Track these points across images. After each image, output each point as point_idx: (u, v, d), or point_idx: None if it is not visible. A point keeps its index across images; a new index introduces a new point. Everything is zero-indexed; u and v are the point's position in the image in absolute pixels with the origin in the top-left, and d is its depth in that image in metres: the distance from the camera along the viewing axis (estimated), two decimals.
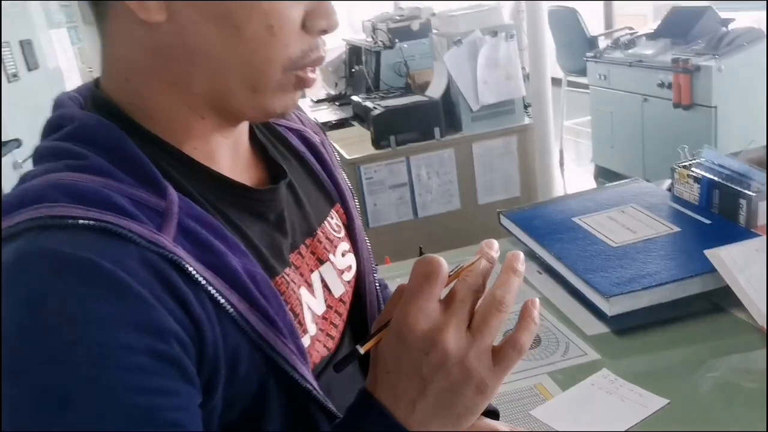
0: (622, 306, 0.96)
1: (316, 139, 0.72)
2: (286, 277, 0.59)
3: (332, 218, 0.69)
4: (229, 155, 0.60)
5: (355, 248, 0.71)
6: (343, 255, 0.69)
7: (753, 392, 0.82)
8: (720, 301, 0.99)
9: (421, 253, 1.50)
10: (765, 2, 3.10)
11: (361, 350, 0.49)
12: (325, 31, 0.54)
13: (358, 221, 0.73)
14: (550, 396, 0.86)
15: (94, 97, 0.57)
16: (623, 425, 0.78)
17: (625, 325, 0.98)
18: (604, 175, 4.10)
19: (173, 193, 0.51)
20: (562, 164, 4.84)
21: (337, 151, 2.75)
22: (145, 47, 0.52)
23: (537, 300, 0.52)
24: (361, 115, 2.96)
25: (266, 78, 0.53)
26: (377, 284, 0.74)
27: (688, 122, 3.25)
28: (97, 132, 0.52)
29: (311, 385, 0.54)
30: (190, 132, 0.56)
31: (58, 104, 0.57)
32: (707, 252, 0.97)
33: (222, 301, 0.49)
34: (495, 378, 0.48)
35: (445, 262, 0.49)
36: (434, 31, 2.99)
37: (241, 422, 0.52)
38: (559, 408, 0.83)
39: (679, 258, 1.04)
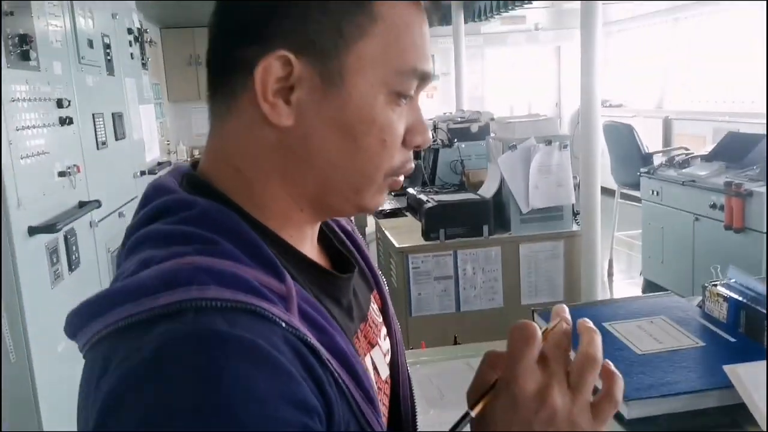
0: (640, 410, 1.01)
1: (349, 227, 0.77)
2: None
3: (373, 304, 0.73)
4: (309, 245, 0.65)
5: (390, 331, 0.75)
6: (384, 339, 0.73)
7: None
8: (739, 418, 1.02)
9: (455, 342, 1.57)
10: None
11: (473, 413, 0.52)
12: (419, 146, 0.62)
13: (391, 305, 0.78)
14: None
15: (195, 182, 0.60)
16: None
17: (643, 431, 1.02)
18: (653, 289, 4.07)
19: (289, 278, 0.54)
20: (611, 274, 4.83)
21: (388, 238, 2.87)
22: (266, 145, 0.58)
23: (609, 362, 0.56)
24: (414, 207, 3.09)
25: (371, 182, 0.60)
26: (409, 373, 0.79)
27: (739, 245, 3.26)
28: (220, 219, 0.55)
29: None
30: (289, 221, 0.61)
31: (162, 188, 0.59)
32: (726, 367, 1.02)
33: (341, 382, 0.53)
34: (596, 430, 0.52)
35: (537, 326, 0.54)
36: (492, 134, 3.14)
37: None
38: None
39: (700, 371, 1.08)
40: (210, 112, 0.62)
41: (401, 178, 0.63)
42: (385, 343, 0.72)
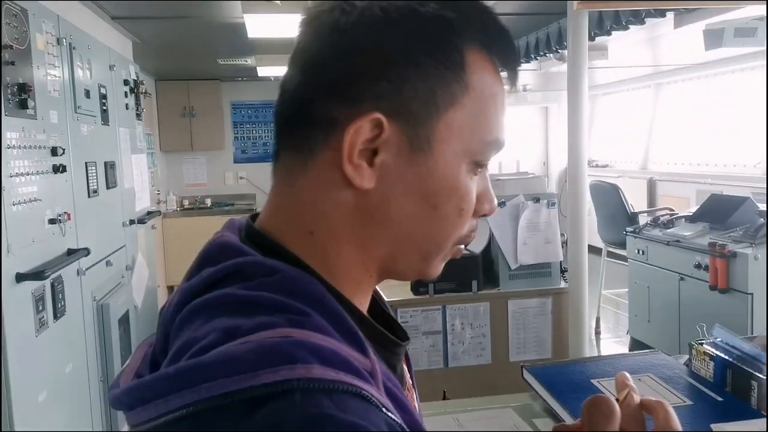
0: None
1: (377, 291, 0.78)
2: None
3: (404, 366, 0.69)
4: (365, 308, 0.62)
5: (415, 392, 0.72)
6: (418, 401, 0.71)
7: None
8: None
9: (444, 397, 1.56)
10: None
11: None
12: (486, 215, 0.61)
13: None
14: None
15: (263, 243, 0.56)
16: None
17: None
18: (639, 347, 4.07)
19: (371, 352, 0.50)
20: (598, 332, 4.82)
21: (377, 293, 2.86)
22: (343, 207, 0.55)
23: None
24: None
25: (440, 250, 0.59)
26: None
27: (724, 305, 3.29)
28: (306, 287, 0.51)
29: None
30: (360, 288, 0.58)
31: (234, 249, 0.55)
32: (714, 426, 1.02)
33: None
34: None
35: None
36: None
37: None
38: None
39: (687, 429, 1.08)
40: (278, 169, 0.59)
41: (463, 246, 0.62)
42: (417, 407, 0.69)
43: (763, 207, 3.60)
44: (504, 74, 0.59)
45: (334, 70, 0.55)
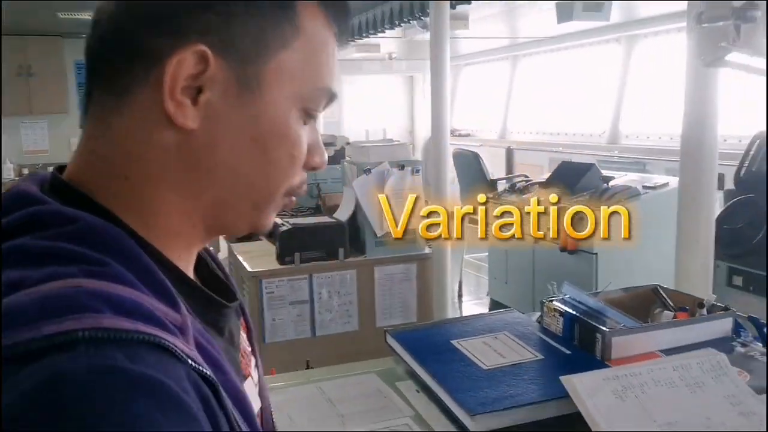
0: (485, 424, 1.03)
1: (212, 251, 0.72)
2: None
3: (242, 332, 0.67)
4: (190, 267, 0.59)
5: (256, 361, 0.70)
6: (254, 368, 0.68)
7: None
8: (577, 426, 1.08)
9: (308, 366, 1.54)
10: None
11: None
12: (315, 168, 0.60)
13: (254, 331, 0.72)
14: None
15: (65, 190, 0.52)
16: None
17: None
18: (499, 308, 4.29)
19: (183, 308, 0.49)
20: (460, 295, 5.02)
21: (241, 263, 2.78)
22: (163, 149, 0.52)
23: None
24: (270, 232, 3.03)
25: (271, 198, 0.58)
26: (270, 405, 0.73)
27: (573, 265, 3.52)
28: (108, 236, 0.48)
29: None
30: (178, 240, 0.55)
31: (29, 198, 0.50)
32: (562, 378, 1.07)
33: (234, 422, 0.48)
34: None
35: None
36: (347, 158, 3.17)
37: None
38: None
39: (539, 383, 1.13)
40: (90, 110, 0.54)
41: (294, 198, 0.61)
42: (255, 374, 0.67)
43: (606, 173, 3.87)
44: (335, 29, 0.59)
45: None
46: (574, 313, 1.29)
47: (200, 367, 0.45)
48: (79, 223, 0.48)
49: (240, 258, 2.82)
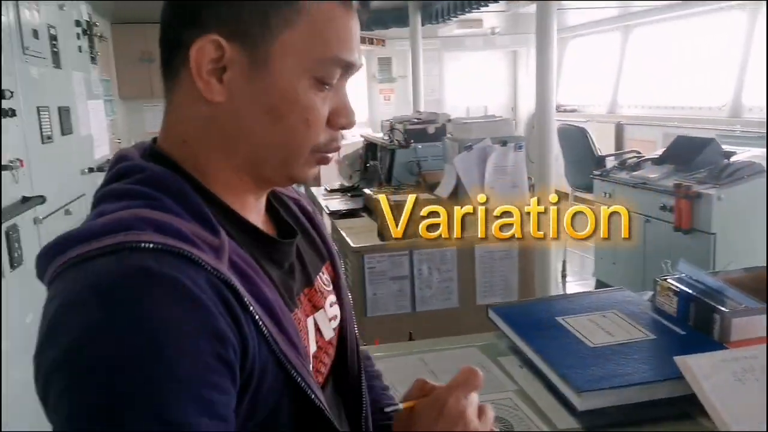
0: (592, 402, 1.01)
1: (309, 207, 0.85)
2: (297, 314, 0.71)
3: (323, 273, 0.81)
4: (255, 212, 0.72)
5: (341, 301, 0.83)
6: (331, 305, 0.80)
7: None
8: (688, 408, 1.03)
9: (410, 338, 1.55)
10: None
11: (401, 406, 0.71)
12: (343, 127, 0.69)
13: (343, 279, 0.85)
14: None
15: (152, 152, 0.68)
16: None
17: (596, 423, 1.02)
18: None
19: (223, 234, 0.62)
20: (564, 275, 4.89)
21: (344, 239, 2.84)
22: (203, 118, 0.65)
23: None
24: (370, 207, 3.07)
25: (296, 156, 0.68)
26: (358, 338, 0.86)
27: (688, 246, 3.34)
28: (165, 180, 0.63)
29: (323, 404, 0.65)
30: (230, 188, 0.68)
31: (123, 156, 0.67)
32: (676, 358, 1.02)
33: (261, 323, 0.60)
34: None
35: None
36: (448, 135, 3.15)
37: None
38: None
39: (651, 363, 1.09)
40: (164, 90, 0.69)
41: (330, 154, 0.70)
42: (331, 310, 0.79)
43: (727, 148, 3.63)
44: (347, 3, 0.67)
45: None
46: (690, 292, 1.22)
47: (222, 275, 0.57)
48: (146, 172, 0.63)
49: (343, 233, 2.88)
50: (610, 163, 4.41)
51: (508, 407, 1.10)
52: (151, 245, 0.55)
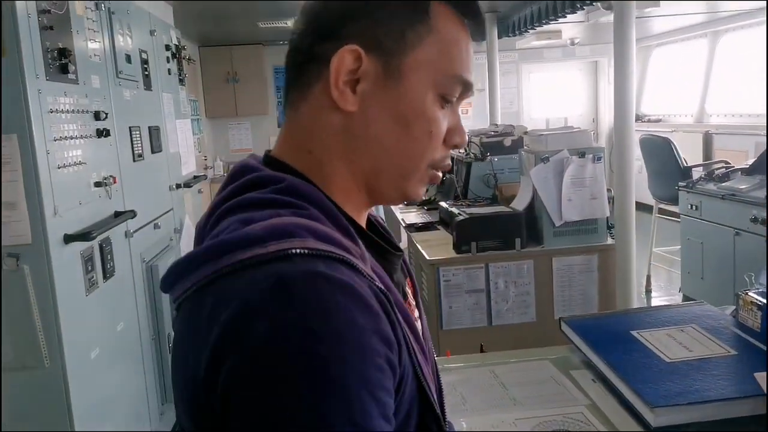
0: (666, 418, 0.98)
1: (378, 217, 0.86)
2: None
3: (407, 287, 0.82)
4: (363, 224, 0.75)
5: (421, 316, 0.84)
6: (416, 320, 0.80)
7: None
8: None
9: (482, 350, 1.55)
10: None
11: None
12: (456, 146, 0.73)
13: (419, 292, 0.86)
14: None
15: (274, 163, 0.70)
16: None
17: None
18: None
19: (362, 244, 0.64)
20: (649, 290, 4.72)
21: (420, 251, 2.86)
22: (333, 128, 0.69)
23: None
24: (446, 220, 3.08)
25: (416, 169, 0.71)
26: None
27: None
28: (305, 190, 0.65)
29: (441, 413, 0.67)
30: (350, 200, 0.71)
31: (249, 167, 0.69)
32: (756, 375, 0.98)
33: (402, 332, 0.61)
34: None
35: None
36: (525, 147, 3.11)
37: None
38: None
39: (730, 379, 1.04)
40: (287, 105, 0.73)
41: (440, 173, 0.73)
42: (418, 324, 0.79)
43: None
44: (467, 26, 0.72)
45: (325, 14, 0.69)
46: None
47: (377, 283, 0.59)
48: (286, 182, 0.65)
49: (419, 246, 2.90)
50: (697, 174, 4.23)
51: (580, 422, 1.08)
52: (319, 252, 0.57)
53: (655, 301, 4.56)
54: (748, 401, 0.98)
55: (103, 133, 2.26)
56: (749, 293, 1.24)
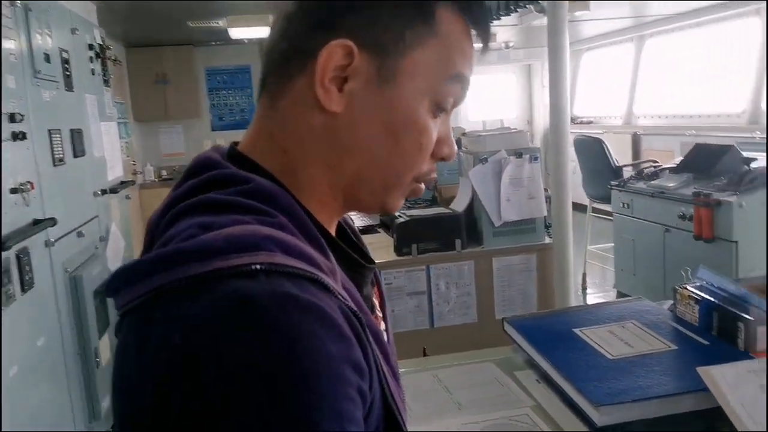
0: (611, 417, 0.96)
1: (351, 222, 0.79)
2: None
3: (375, 299, 0.75)
4: (333, 232, 0.67)
5: (387, 327, 0.78)
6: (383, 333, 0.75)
7: None
8: (713, 423, 0.98)
9: (424, 354, 1.51)
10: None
11: None
12: (444, 158, 0.67)
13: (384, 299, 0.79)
14: None
15: (240, 159, 0.62)
16: None
17: None
18: None
19: (332, 257, 0.57)
20: (585, 288, 4.82)
21: None
22: (314, 128, 0.61)
23: None
24: (387, 223, 3.05)
25: (400, 181, 0.64)
26: None
27: (709, 255, 3.26)
28: (275, 194, 0.57)
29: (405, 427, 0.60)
30: (324, 207, 0.64)
31: (212, 163, 0.61)
32: (700, 369, 0.97)
33: (373, 356, 0.55)
34: None
35: None
36: (463, 148, 3.12)
37: None
38: None
39: (672, 375, 1.04)
40: (263, 97, 0.65)
41: (423, 185, 0.67)
42: (384, 336, 0.73)
43: (747, 154, 3.55)
44: (474, 32, 0.66)
45: (320, 5, 0.61)
46: (712, 300, 1.17)
47: (348, 303, 0.53)
48: (253, 183, 0.58)
49: None
50: (628, 173, 4.35)
51: (525, 423, 1.05)
52: (288, 269, 0.50)
53: (591, 299, 4.66)
54: (690, 396, 0.98)
55: (18, 136, 2.12)
56: (687, 287, 1.24)
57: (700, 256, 3.31)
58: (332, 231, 0.66)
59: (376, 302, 0.74)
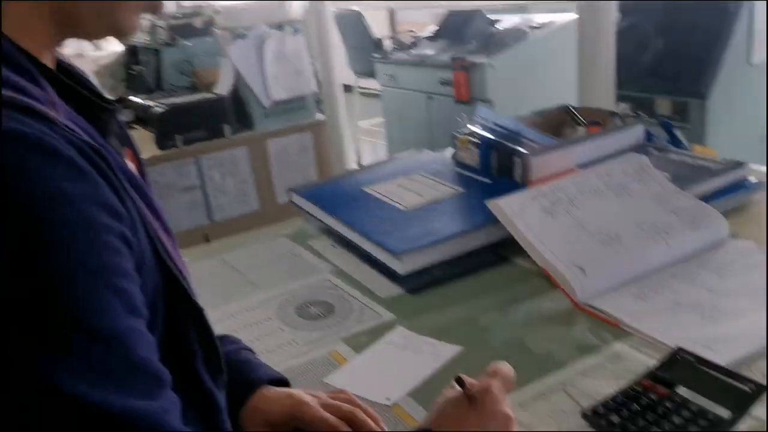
0: (413, 263, 0.94)
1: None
2: None
3: (129, 160, 0.64)
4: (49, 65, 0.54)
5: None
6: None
7: (535, 333, 0.83)
8: (505, 252, 1.01)
9: (207, 240, 1.39)
10: None
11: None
12: None
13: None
14: (345, 361, 0.81)
15: None
16: (418, 376, 0.74)
17: (419, 285, 0.96)
18: None
19: (49, 87, 0.47)
20: (361, 165, 4.94)
21: None
22: None
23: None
24: (142, 117, 2.74)
25: None
26: None
27: (470, 116, 3.46)
28: None
29: (194, 295, 0.53)
30: (26, 31, 0.49)
31: None
32: (488, 202, 0.99)
33: (134, 201, 0.47)
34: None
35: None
36: (219, 25, 2.88)
37: None
38: (353, 371, 0.78)
39: (464, 214, 1.05)
40: None
41: (160, 2, 0.57)
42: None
43: (492, 17, 3.76)
44: None
45: None
46: (490, 137, 1.19)
47: (83, 137, 0.44)
48: None
49: None
50: (389, 46, 4.40)
51: (327, 288, 1.00)
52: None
53: None
54: (482, 230, 0.99)
55: None
56: (465, 134, 1.25)
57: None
58: (48, 63, 0.52)
59: (132, 166, 0.60)
